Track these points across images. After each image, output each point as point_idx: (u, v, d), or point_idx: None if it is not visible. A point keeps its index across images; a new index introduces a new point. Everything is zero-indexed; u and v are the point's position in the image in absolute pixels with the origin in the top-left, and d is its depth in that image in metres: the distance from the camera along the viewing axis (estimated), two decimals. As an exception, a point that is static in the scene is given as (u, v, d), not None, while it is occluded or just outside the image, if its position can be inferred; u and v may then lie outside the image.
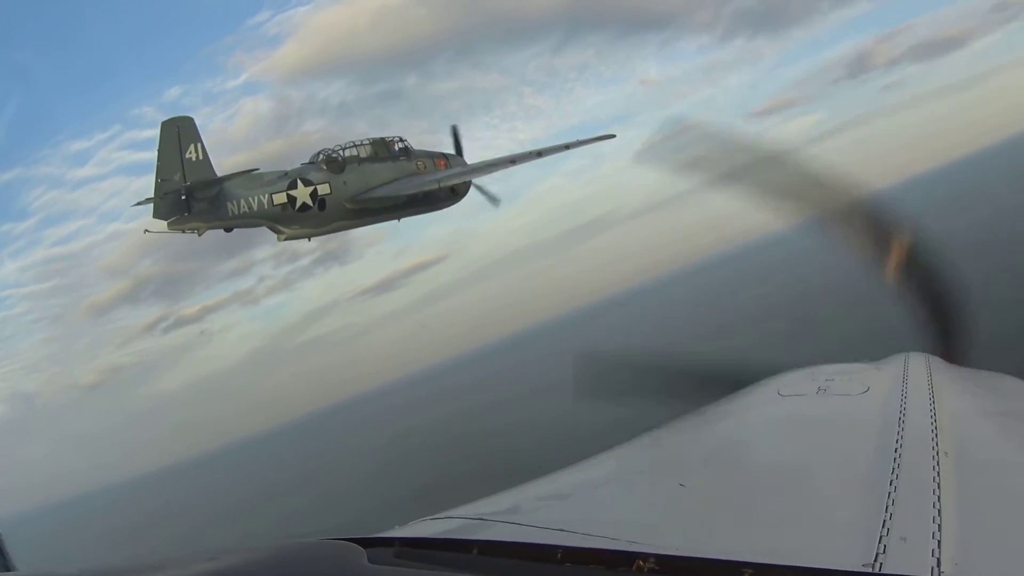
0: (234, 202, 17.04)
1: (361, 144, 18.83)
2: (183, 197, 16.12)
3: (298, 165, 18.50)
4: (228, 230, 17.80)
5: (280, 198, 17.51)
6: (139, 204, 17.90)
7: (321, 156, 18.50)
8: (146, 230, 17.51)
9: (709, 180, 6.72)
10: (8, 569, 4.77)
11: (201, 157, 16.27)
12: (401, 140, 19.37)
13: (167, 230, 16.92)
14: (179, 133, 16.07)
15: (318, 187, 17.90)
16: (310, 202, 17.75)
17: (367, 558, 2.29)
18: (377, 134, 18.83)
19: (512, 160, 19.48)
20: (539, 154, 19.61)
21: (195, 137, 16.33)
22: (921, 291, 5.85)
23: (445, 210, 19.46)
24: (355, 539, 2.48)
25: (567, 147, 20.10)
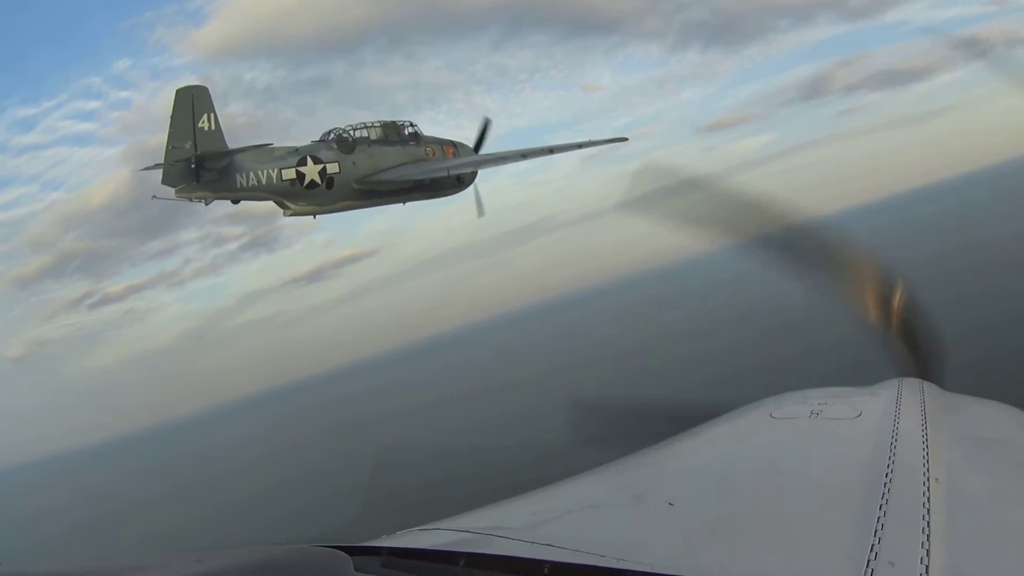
0: (243, 174, 17.02)
1: (372, 126, 18.86)
2: (193, 166, 16.07)
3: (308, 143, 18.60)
4: (235, 202, 17.78)
5: (289, 174, 17.50)
6: (148, 168, 17.92)
7: (332, 135, 18.49)
8: (154, 196, 17.56)
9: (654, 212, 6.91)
10: None
11: (213, 127, 16.20)
12: (411, 125, 19.32)
13: (174, 197, 16.94)
14: (193, 101, 16.01)
15: (327, 166, 17.88)
16: (318, 180, 17.72)
17: (353, 566, 2.29)
18: (308, 120, 18.64)
19: (523, 154, 19.41)
20: (551, 151, 19.56)
21: (209, 107, 16.29)
22: (877, 315, 5.94)
23: (383, 205, 19.37)
24: (342, 547, 2.48)
25: (580, 146, 20.00)
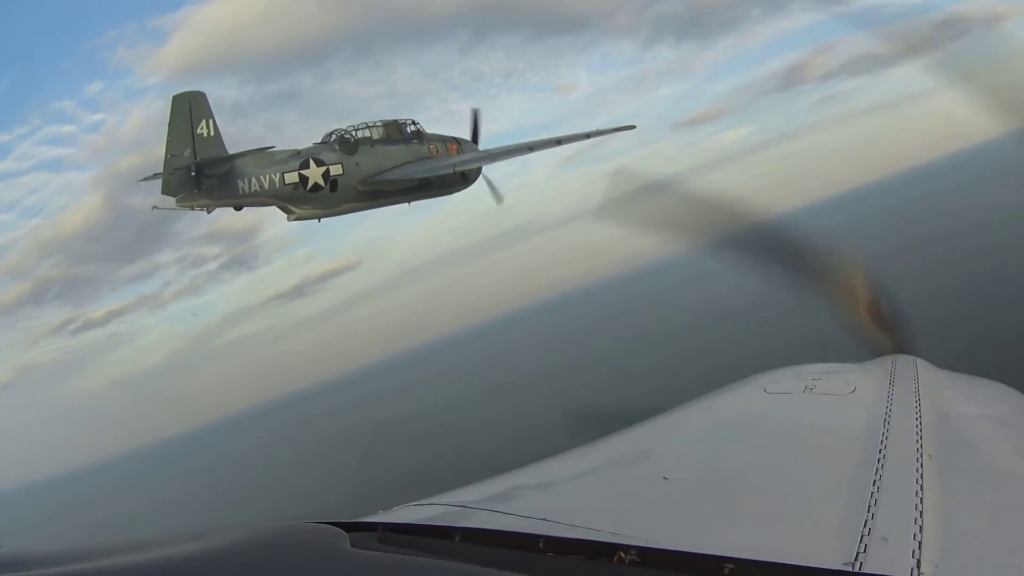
0: (245, 180, 16.85)
1: (374, 126, 18.75)
2: (193, 173, 15.93)
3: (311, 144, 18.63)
4: (238, 208, 17.62)
5: (292, 177, 17.38)
6: (146, 179, 17.91)
7: (334, 136, 18.34)
8: (154, 207, 17.52)
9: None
10: None
11: (212, 133, 16.06)
12: (414, 123, 19.21)
13: (175, 206, 16.77)
14: (191, 108, 15.92)
15: (330, 168, 17.78)
16: (322, 182, 17.62)
17: (350, 542, 2.32)
18: (279, 136, 18.57)
19: (530, 147, 19.33)
20: (558, 142, 19.45)
21: (207, 113, 16.19)
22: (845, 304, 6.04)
23: (362, 213, 19.34)
24: (338, 523, 2.52)
25: (587, 136, 19.93)
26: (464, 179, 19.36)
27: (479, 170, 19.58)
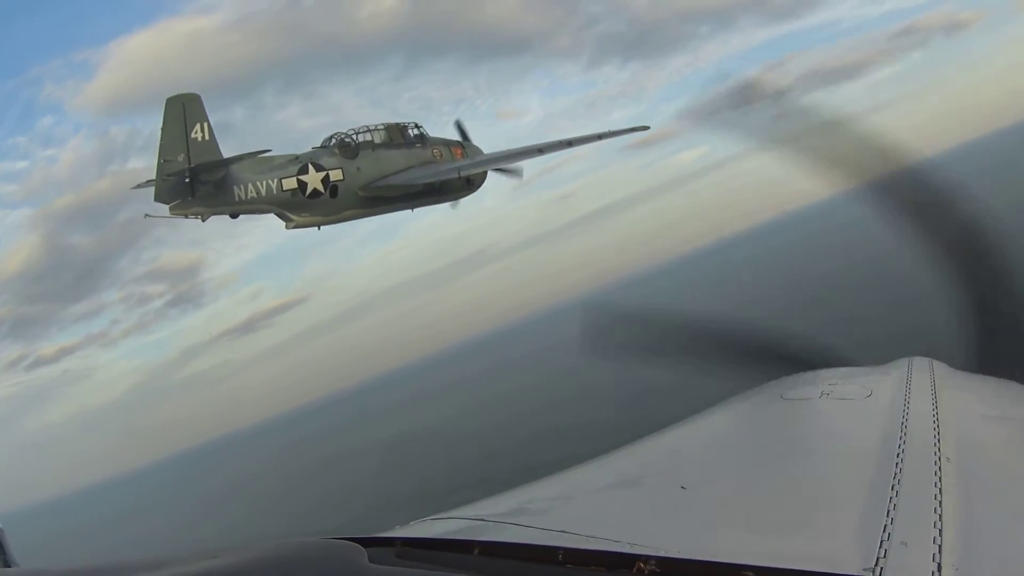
0: (241, 186, 16.67)
1: (375, 129, 18.59)
2: (187, 180, 15.78)
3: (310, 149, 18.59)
4: (234, 216, 17.20)
5: (290, 183, 17.21)
6: (139, 187, 17.93)
7: (334, 140, 18.20)
8: (147, 215, 17.51)
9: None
10: (8, 565, 4.94)
11: (207, 137, 15.84)
12: (417, 126, 19.07)
13: (168, 215, 16.38)
14: (184, 111, 15.66)
15: (330, 173, 17.63)
16: (321, 188, 17.47)
17: (368, 558, 2.37)
18: None
19: (540, 149, 19.08)
20: (569, 143, 19.19)
21: (201, 116, 15.91)
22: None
23: (312, 246, 19.18)
24: (356, 539, 2.57)
25: (599, 137, 19.62)
26: (469, 184, 19.19)
27: (484, 175, 19.46)
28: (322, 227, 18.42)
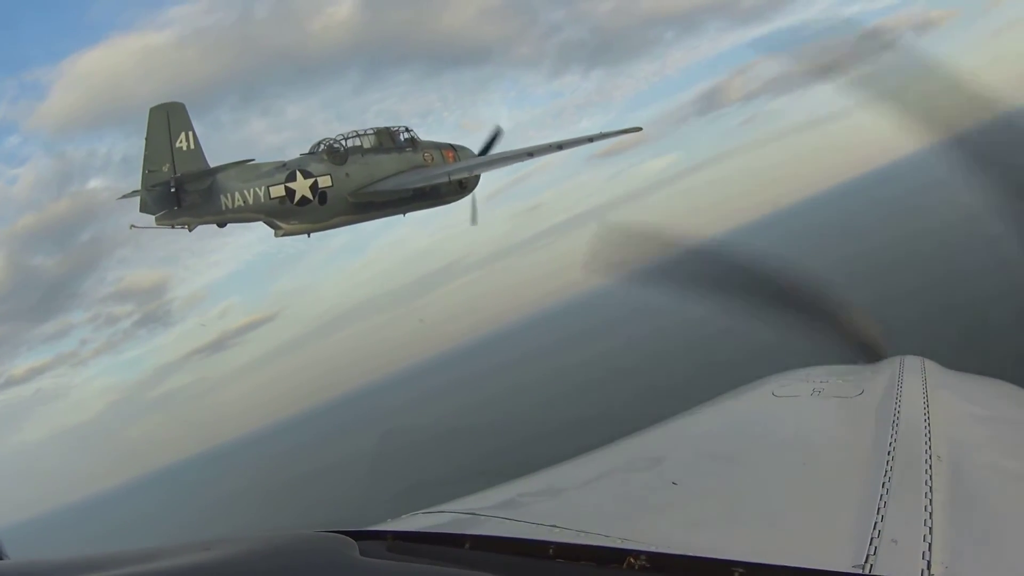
0: (227, 195, 16.66)
1: (365, 134, 18.59)
2: (172, 190, 15.78)
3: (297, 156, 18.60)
4: (221, 225, 17.15)
5: (278, 191, 17.22)
6: (125, 197, 17.96)
7: (322, 146, 18.18)
8: (132, 226, 17.52)
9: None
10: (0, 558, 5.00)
11: (193, 146, 15.86)
12: (407, 130, 19.08)
13: (154, 225, 16.34)
14: (169, 120, 15.70)
15: (318, 179, 17.65)
16: (310, 195, 17.49)
17: (359, 551, 2.40)
18: None
19: (530, 153, 19.01)
20: (560, 147, 19.13)
21: (186, 125, 15.93)
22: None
23: (277, 262, 19.16)
24: (347, 532, 2.61)
25: (591, 139, 19.52)
26: (462, 188, 19.14)
27: (477, 179, 19.47)
28: (311, 234, 18.45)
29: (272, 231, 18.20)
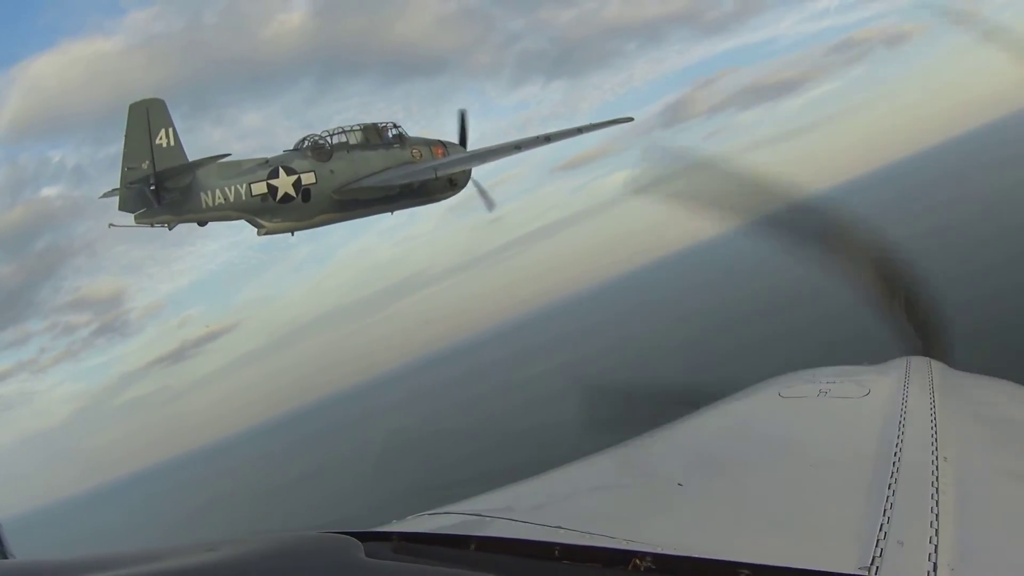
0: (208, 193, 16.69)
1: (350, 130, 18.56)
2: (151, 187, 15.81)
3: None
4: (202, 223, 17.26)
5: (260, 188, 17.28)
6: (106, 196, 17.86)
7: (307, 143, 18.25)
8: (111, 224, 17.39)
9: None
10: (4, 556, 5.01)
11: (173, 143, 15.84)
12: (395, 126, 19.03)
13: (134, 223, 16.43)
14: (148, 116, 15.67)
15: (302, 176, 17.69)
16: (293, 193, 17.52)
17: (364, 552, 2.43)
18: None
19: (517, 146, 19.01)
20: (548, 139, 19.13)
21: (166, 121, 15.91)
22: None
23: (241, 270, 19.17)
24: (352, 533, 2.64)
25: (580, 131, 19.58)
26: (452, 185, 19.12)
27: (467, 176, 19.40)
28: (295, 233, 18.41)
29: (255, 230, 18.11)
